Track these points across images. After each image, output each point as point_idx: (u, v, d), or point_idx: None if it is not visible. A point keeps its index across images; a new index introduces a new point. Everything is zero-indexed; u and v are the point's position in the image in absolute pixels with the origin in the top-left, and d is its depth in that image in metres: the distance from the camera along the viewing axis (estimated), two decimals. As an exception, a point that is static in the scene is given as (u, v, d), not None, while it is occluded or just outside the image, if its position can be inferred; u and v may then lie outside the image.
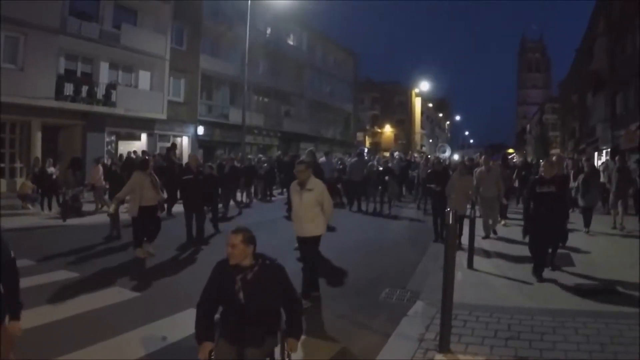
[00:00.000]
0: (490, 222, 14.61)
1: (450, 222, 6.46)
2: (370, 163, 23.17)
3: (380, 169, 22.42)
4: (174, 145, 22.99)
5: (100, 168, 19.10)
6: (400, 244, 14.75)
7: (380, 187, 21.66)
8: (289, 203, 23.29)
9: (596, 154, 43.31)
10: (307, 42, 52.62)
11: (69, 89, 25.69)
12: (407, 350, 6.30)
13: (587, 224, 15.12)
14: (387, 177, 21.38)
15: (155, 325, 7.21)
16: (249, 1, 30.00)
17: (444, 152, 52.87)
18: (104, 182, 18.75)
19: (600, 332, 6.73)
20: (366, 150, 49.63)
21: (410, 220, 19.64)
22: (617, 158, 18.00)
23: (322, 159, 24.23)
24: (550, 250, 10.19)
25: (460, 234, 12.30)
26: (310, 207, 8.40)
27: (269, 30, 44.02)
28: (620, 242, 14.10)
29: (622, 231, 15.41)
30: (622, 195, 16.18)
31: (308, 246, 8.73)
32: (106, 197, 18.61)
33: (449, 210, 6.58)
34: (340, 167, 25.02)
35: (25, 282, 8.95)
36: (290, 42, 49.45)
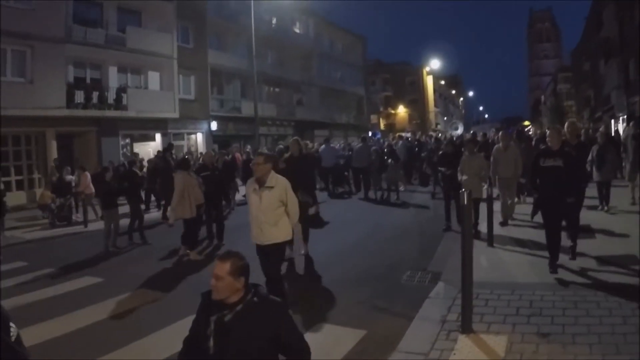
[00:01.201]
0: (509, 202, 13.31)
1: (465, 202, 6.43)
2: (373, 148, 22.21)
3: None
4: (170, 146, 22.87)
5: (88, 175, 19.00)
6: (414, 229, 14.40)
7: (384, 173, 20.77)
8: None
9: (612, 121, 43.01)
10: (314, 30, 52.43)
11: (79, 96, 25.78)
12: (430, 333, 6.30)
13: (604, 200, 13.91)
14: (389, 161, 20.47)
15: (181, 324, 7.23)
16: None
17: (456, 129, 52.60)
18: (93, 190, 18.59)
19: (621, 305, 6.69)
20: (379, 134, 49.12)
21: (416, 208, 18.51)
22: (631, 124, 16.32)
23: (323, 147, 24.42)
24: (569, 237, 9.22)
25: (477, 219, 11.74)
26: (272, 208, 7.17)
27: (274, 20, 43.92)
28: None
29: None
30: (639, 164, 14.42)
31: (270, 257, 7.37)
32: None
33: (463, 191, 6.55)
34: (349, 153, 24.49)
35: (50, 291, 9.27)
36: (297, 31, 49.34)
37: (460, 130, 53.27)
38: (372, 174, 21.16)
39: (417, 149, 26.45)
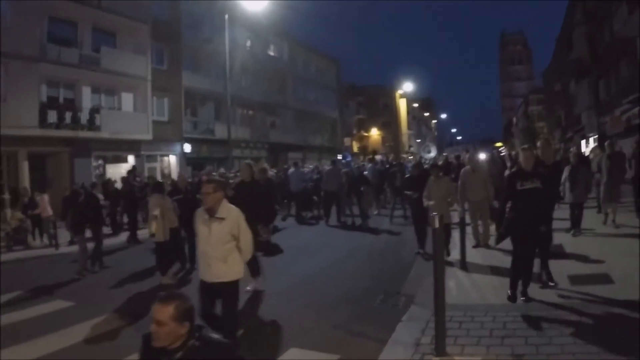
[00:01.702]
0: (481, 230, 13.00)
1: (436, 225, 6.49)
2: (344, 170, 21.93)
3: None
4: (133, 168, 22.87)
5: (46, 198, 18.79)
6: (386, 253, 14.44)
7: (355, 198, 20.23)
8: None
9: (583, 141, 43.73)
10: (288, 52, 52.68)
11: (52, 116, 25.63)
12: (404, 356, 6.34)
13: (575, 223, 13.40)
14: (362, 188, 19.82)
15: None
16: (226, 16, 30.00)
17: (429, 152, 52.83)
18: (51, 213, 18.42)
19: (595, 324, 6.78)
20: (350, 156, 49.13)
21: (387, 231, 18.21)
22: (607, 143, 15.91)
23: (292, 170, 24.12)
24: (541, 263, 8.83)
25: (447, 245, 11.54)
26: (222, 242, 6.37)
27: (248, 43, 44.08)
28: (619, 244, 11.74)
29: (617, 228, 13.64)
30: (616, 186, 14.25)
31: (224, 299, 6.56)
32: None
33: (435, 215, 6.61)
34: (317, 176, 24.10)
35: (21, 314, 9.16)
36: (271, 53, 49.50)
37: (433, 154, 53.68)
38: (342, 197, 20.68)
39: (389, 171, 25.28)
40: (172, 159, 35.44)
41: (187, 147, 35.84)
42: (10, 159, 24.57)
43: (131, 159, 31.42)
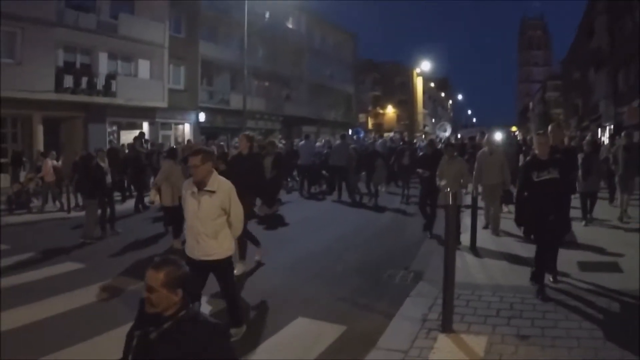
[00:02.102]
0: (492, 212, 12.51)
1: (450, 202, 6.44)
2: (352, 146, 21.11)
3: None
4: (141, 134, 22.66)
5: (49, 162, 18.55)
6: (395, 229, 14.45)
7: (363, 174, 20.05)
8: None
9: (599, 130, 43.39)
10: (306, 25, 52.32)
11: (68, 81, 25.66)
12: (410, 331, 6.34)
13: (588, 212, 13.04)
14: (377, 161, 19.29)
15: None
16: (246, -14, 29.82)
17: (444, 130, 52.35)
18: (54, 177, 18.31)
19: (601, 310, 6.77)
20: (362, 132, 48.60)
21: (397, 209, 18.07)
22: (623, 134, 15.13)
23: (302, 142, 24.20)
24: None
25: (458, 228, 10.53)
26: (212, 217, 5.98)
27: (267, 15, 43.80)
28: (630, 236, 11.36)
29: (628, 220, 13.20)
30: (631, 177, 13.71)
31: (217, 275, 6.33)
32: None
33: (448, 191, 6.56)
34: (328, 151, 23.26)
35: (31, 275, 9.22)
36: (289, 26, 49.16)
37: (448, 132, 53.26)
38: (349, 173, 20.09)
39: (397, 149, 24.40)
40: (187, 128, 35.51)
41: (202, 117, 35.88)
42: (25, 123, 24.70)
43: (145, 126, 31.46)
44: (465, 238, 10.96)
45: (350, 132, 47.62)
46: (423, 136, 41.18)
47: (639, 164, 13.92)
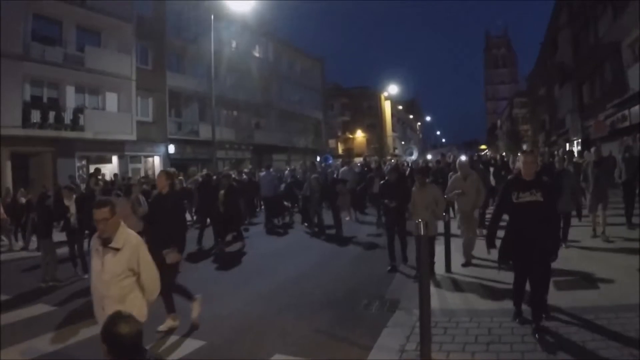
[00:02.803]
0: (466, 239, 11.49)
1: (421, 232, 6.43)
2: (313, 176, 19.37)
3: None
4: (97, 171, 22.48)
5: None
6: (368, 257, 14.09)
7: (327, 204, 18.96)
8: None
9: (567, 144, 44.00)
10: (273, 52, 52.61)
11: (36, 115, 25.52)
12: (390, 362, 6.27)
13: (563, 235, 11.68)
14: (337, 188, 18.93)
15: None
16: (212, 15, 29.90)
17: (411, 154, 52.22)
18: (5, 216, 17.81)
19: (579, 331, 6.75)
20: (331, 158, 48.13)
21: (369, 236, 17.27)
22: (593, 149, 14.60)
23: (262, 173, 23.29)
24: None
25: (432, 259, 10.43)
26: (117, 279, 5.09)
27: (234, 44, 43.92)
28: (612, 258, 10.80)
29: (607, 242, 12.47)
30: (603, 195, 13.10)
31: None
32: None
33: (419, 221, 6.51)
34: (291, 180, 23.03)
35: (6, 318, 9.01)
36: (256, 54, 49.35)
37: (415, 156, 53.32)
38: (311, 203, 18.77)
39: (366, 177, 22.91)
40: (157, 160, 35.28)
41: (172, 148, 35.72)
42: (-7, 159, 24.35)
43: (115, 159, 31.28)
44: (439, 263, 10.85)
45: (318, 158, 47.66)
46: (392, 160, 40.83)
47: (611, 178, 13.90)
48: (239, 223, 17.04)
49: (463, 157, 18.56)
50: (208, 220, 17.65)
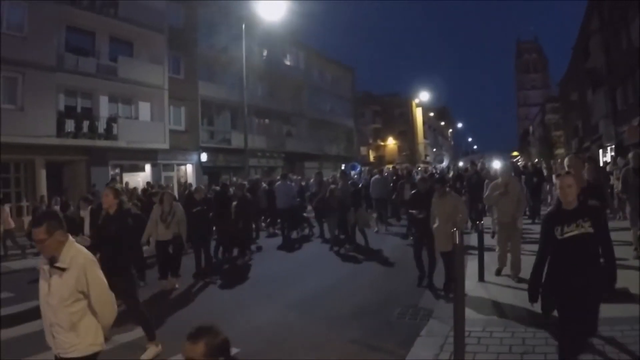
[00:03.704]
0: (510, 255, 10.65)
1: (457, 241, 6.34)
2: (331, 187, 17.92)
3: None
4: (112, 180, 22.23)
5: (7, 209, 18.26)
6: (400, 266, 13.62)
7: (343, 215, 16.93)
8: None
9: (601, 151, 43.46)
10: (304, 61, 52.69)
11: (70, 125, 25.84)
12: (424, 373, 6.18)
13: None
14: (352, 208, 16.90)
15: None
16: (243, 25, 30.08)
17: (441, 161, 51.56)
18: (12, 225, 17.93)
19: (619, 344, 6.53)
20: (358, 167, 46.47)
21: (398, 246, 16.71)
22: (630, 155, 12.44)
23: (278, 183, 21.37)
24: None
25: (448, 278, 9.89)
26: (65, 303, 4.37)
27: (265, 52, 44.11)
28: None
29: None
30: None
31: None
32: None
33: (455, 231, 6.40)
34: (316, 189, 20.98)
35: (32, 326, 8.89)
36: (287, 63, 49.52)
37: (445, 163, 52.79)
38: (329, 217, 17.57)
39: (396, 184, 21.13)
40: (189, 168, 35.51)
41: (204, 157, 35.89)
42: (28, 167, 24.77)
43: (148, 168, 31.58)
44: (472, 273, 10.36)
45: (343, 167, 47.14)
46: (419, 168, 40.10)
47: None
48: (245, 238, 16.35)
49: (499, 163, 17.91)
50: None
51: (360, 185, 19.64)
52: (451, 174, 25.14)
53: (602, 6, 39.40)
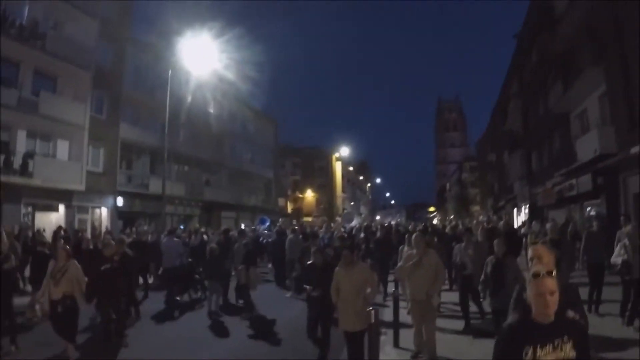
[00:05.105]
0: (425, 335, 9.44)
1: (372, 320, 6.19)
2: (243, 242, 17.72)
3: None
4: (24, 227, 21.22)
5: None
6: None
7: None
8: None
9: (515, 209, 45.07)
10: (228, 110, 52.71)
11: (-17, 158, 24.71)
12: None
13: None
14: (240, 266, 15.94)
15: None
16: (170, 71, 29.94)
17: (350, 220, 50.03)
18: None
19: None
20: (267, 220, 45.02)
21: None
22: (631, 224, 11.93)
23: (165, 239, 19.56)
24: None
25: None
26: None
27: (189, 99, 43.98)
28: None
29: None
30: None
31: None
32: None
33: (371, 309, 6.20)
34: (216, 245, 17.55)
35: None
36: (211, 111, 49.38)
37: (355, 222, 51.49)
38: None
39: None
40: (104, 212, 34.39)
41: (120, 201, 35.00)
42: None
43: (62, 208, 30.45)
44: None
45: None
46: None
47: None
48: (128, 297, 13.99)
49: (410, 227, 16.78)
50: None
51: (264, 242, 18.57)
52: (361, 235, 24.50)
53: (523, 71, 41.20)
